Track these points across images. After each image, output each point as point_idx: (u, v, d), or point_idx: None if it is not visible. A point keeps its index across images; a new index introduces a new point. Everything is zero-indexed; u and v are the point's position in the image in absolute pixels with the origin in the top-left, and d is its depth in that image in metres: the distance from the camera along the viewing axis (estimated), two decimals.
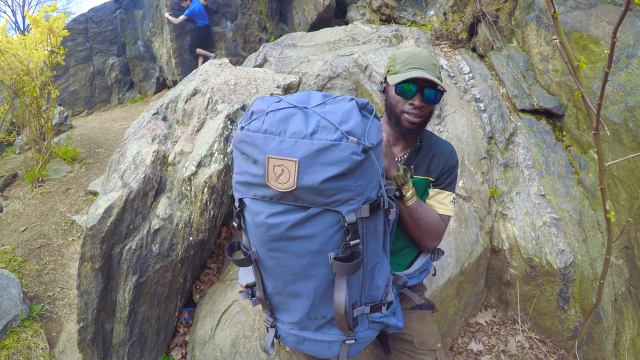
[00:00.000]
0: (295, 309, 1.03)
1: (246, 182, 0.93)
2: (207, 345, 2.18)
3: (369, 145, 0.85)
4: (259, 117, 0.90)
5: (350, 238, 0.88)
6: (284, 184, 0.84)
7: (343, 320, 0.98)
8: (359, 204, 0.88)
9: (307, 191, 0.85)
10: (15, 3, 14.74)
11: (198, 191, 2.22)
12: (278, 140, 0.85)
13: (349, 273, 0.91)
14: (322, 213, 0.87)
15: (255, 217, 0.93)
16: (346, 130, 0.83)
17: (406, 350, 1.41)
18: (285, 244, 0.91)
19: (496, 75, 3.51)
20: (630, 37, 2.64)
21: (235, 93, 2.58)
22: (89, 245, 2.04)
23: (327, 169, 0.83)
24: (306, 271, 0.94)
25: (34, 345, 2.36)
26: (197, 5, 6.06)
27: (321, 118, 0.85)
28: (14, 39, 4.00)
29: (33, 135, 4.03)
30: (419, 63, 1.23)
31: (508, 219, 2.75)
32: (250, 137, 0.89)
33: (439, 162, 1.37)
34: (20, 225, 3.28)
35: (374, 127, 0.92)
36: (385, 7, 5.08)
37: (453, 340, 2.56)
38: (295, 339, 1.09)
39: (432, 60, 1.25)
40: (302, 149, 0.83)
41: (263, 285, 1.07)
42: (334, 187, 0.84)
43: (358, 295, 1.02)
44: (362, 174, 0.87)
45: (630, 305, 2.28)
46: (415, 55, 1.25)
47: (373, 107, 0.96)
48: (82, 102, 7.57)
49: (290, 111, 0.87)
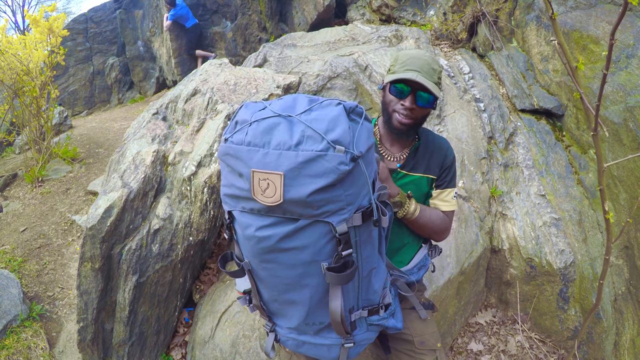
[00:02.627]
0: (292, 316, 1.02)
1: (233, 195, 0.91)
2: (207, 345, 2.18)
3: (358, 153, 0.81)
4: (242, 128, 0.86)
5: (342, 248, 0.86)
6: (270, 197, 0.81)
7: (340, 327, 0.98)
8: (349, 213, 0.85)
9: (295, 204, 0.82)
10: (15, 3, 14.72)
11: (198, 191, 2.22)
12: (262, 153, 0.81)
13: (342, 283, 0.89)
14: (312, 224, 0.85)
15: (245, 230, 0.91)
16: (333, 140, 0.79)
17: (406, 350, 1.41)
18: (276, 255, 0.89)
19: (496, 75, 3.51)
20: (630, 37, 2.64)
21: (235, 93, 2.58)
22: (88, 245, 2.04)
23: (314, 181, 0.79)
24: (300, 281, 0.93)
25: (34, 345, 2.36)
26: (180, 8, 5.99)
27: (306, 127, 0.81)
28: (14, 39, 3.99)
29: (33, 135, 4.03)
30: (416, 65, 1.22)
31: (508, 218, 2.76)
32: (234, 150, 0.86)
33: (438, 159, 1.38)
34: (20, 225, 3.28)
35: (364, 132, 0.88)
36: (385, 7, 5.08)
37: (453, 340, 2.56)
38: (295, 343, 1.09)
39: (431, 65, 1.24)
40: (287, 161, 0.79)
41: (259, 293, 1.06)
42: (322, 199, 0.82)
43: (355, 301, 1.02)
44: (352, 183, 0.84)
45: (630, 305, 2.28)
46: (415, 57, 1.25)
47: (362, 110, 0.92)
48: (82, 102, 7.57)
49: (274, 121, 0.84)
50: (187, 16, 6.10)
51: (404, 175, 1.37)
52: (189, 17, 6.14)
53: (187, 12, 6.09)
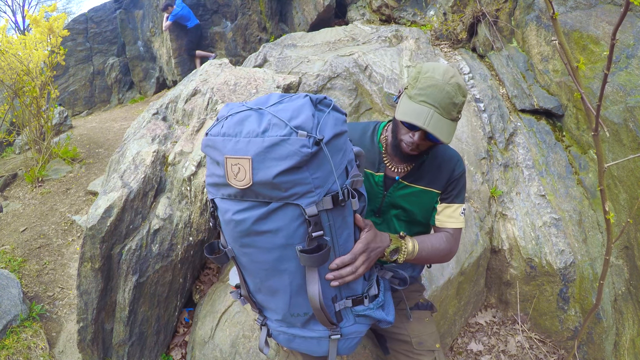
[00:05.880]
0: (277, 306, 1.05)
1: (214, 183, 0.97)
2: (207, 345, 2.18)
3: (320, 137, 0.86)
4: (220, 122, 0.95)
5: (312, 230, 0.90)
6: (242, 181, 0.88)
7: (322, 315, 1.00)
8: (319, 196, 0.89)
9: (264, 186, 0.87)
10: (15, 3, 14.73)
11: (198, 191, 2.22)
12: (234, 141, 0.89)
13: (316, 265, 0.92)
14: (283, 207, 0.89)
15: (224, 215, 0.97)
16: (295, 125, 0.85)
17: (404, 350, 1.41)
18: (253, 239, 0.94)
19: (496, 75, 3.51)
20: (630, 37, 2.64)
21: (235, 93, 2.58)
22: (88, 245, 2.04)
23: (279, 163, 0.85)
24: (277, 266, 0.97)
25: (34, 345, 2.36)
26: (182, 8, 5.98)
27: (272, 116, 0.87)
28: (14, 38, 3.99)
29: (33, 135, 4.03)
30: (434, 99, 1.11)
31: (508, 219, 2.75)
32: (212, 141, 0.93)
33: (445, 172, 1.32)
34: (20, 225, 3.28)
35: (330, 120, 0.93)
36: (385, 7, 5.08)
37: (453, 341, 2.56)
38: (286, 337, 1.11)
39: (453, 99, 1.11)
40: (254, 146, 0.86)
41: (245, 283, 1.09)
42: (288, 181, 0.86)
43: (337, 289, 1.03)
44: (319, 166, 0.89)
45: (630, 306, 2.28)
46: (436, 86, 1.11)
47: (331, 101, 0.98)
48: (82, 102, 7.57)
49: (246, 113, 0.92)
50: (188, 16, 6.09)
51: (404, 186, 1.33)
52: (191, 18, 6.13)
53: (188, 13, 6.08)
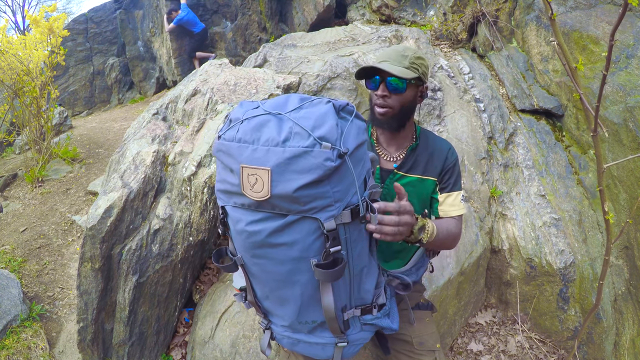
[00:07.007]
0: (285, 314, 1.03)
1: (226, 190, 0.93)
2: (207, 345, 2.18)
3: (344, 150, 0.82)
4: (234, 126, 0.89)
5: (331, 245, 0.86)
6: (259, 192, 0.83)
7: (335, 324, 0.98)
8: (338, 210, 0.86)
9: (282, 199, 0.83)
10: (15, 3, 14.75)
11: (198, 191, 2.22)
12: (251, 149, 0.83)
13: (330, 280, 0.89)
14: (300, 220, 0.85)
15: (236, 225, 0.93)
16: (319, 136, 0.80)
17: (405, 350, 1.41)
18: (266, 250, 0.90)
19: (496, 75, 3.51)
20: (630, 37, 2.64)
21: (235, 93, 2.58)
22: (88, 245, 2.04)
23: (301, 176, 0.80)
24: (289, 277, 0.93)
25: (34, 345, 2.36)
26: (187, 13, 5.87)
27: (294, 124, 0.82)
28: (14, 39, 4.00)
29: (33, 136, 4.03)
30: (385, 56, 1.25)
31: (508, 219, 2.76)
32: (225, 147, 0.88)
33: (437, 161, 1.34)
34: (20, 225, 3.28)
35: (353, 130, 0.89)
36: (385, 8, 5.08)
37: (453, 341, 2.56)
38: (290, 341, 1.10)
39: (402, 52, 1.25)
40: (274, 157, 0.81)
41: (253, 289, 1.07)
42: (309, 195, 0.82)
43: (347, 299, 1.01)
44: (340, 179, 0.85)
45: (630, 306, 2.28)
46: (386, 50, 1.28)
47: (353, 108, 0.93)
48: (82, 102, 7.57)
49: (264, 118, 0.85)
50: (194, 21, 5.97)
51: (401, 176, 1.34)
52: (197, 22, 6.02)
53: (193, 17, 5.97)
